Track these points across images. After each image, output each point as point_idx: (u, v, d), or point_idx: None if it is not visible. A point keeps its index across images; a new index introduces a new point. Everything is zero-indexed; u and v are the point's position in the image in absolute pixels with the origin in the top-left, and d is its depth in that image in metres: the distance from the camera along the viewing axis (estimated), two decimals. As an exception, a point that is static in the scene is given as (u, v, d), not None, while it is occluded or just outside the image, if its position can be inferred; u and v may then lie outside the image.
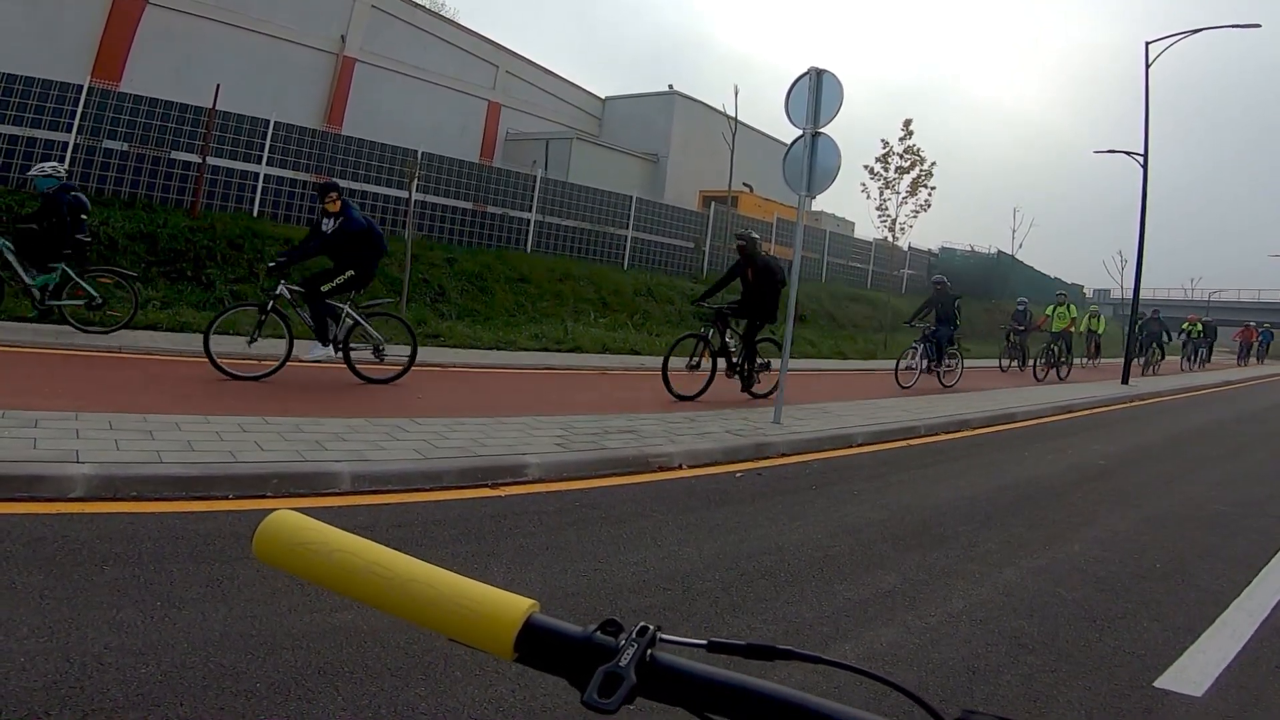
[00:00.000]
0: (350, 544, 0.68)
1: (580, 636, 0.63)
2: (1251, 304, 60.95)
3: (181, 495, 4.27)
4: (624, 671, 0.59)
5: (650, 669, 0.60)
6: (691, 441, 6.75)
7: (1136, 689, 3.09)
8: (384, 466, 5.01)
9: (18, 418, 4.96)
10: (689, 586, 3.80)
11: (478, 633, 0.63)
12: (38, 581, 3.05)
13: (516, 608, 0.63)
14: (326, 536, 0.68)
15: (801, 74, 8.31)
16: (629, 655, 0.60)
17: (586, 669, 0.60)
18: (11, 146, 12.48)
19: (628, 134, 29.86)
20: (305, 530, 0.68)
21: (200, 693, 2.43)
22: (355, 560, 0.67)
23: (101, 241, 11.77)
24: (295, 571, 0.68)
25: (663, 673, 0.61)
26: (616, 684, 0.58)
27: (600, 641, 0.63)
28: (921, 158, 21.18)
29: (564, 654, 0.63)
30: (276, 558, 0.68)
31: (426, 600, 0.65)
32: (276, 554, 0.68)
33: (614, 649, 0.61)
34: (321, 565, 0.67)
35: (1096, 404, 13.77)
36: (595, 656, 0.61)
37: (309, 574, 0.67)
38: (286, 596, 3.17)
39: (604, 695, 0.57)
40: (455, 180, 17.37)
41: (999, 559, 4.62)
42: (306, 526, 0.69)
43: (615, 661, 0.60)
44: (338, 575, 0.67)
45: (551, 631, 0.64)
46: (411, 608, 0.65)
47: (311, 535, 0.68)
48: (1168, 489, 7.18)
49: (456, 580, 0.66)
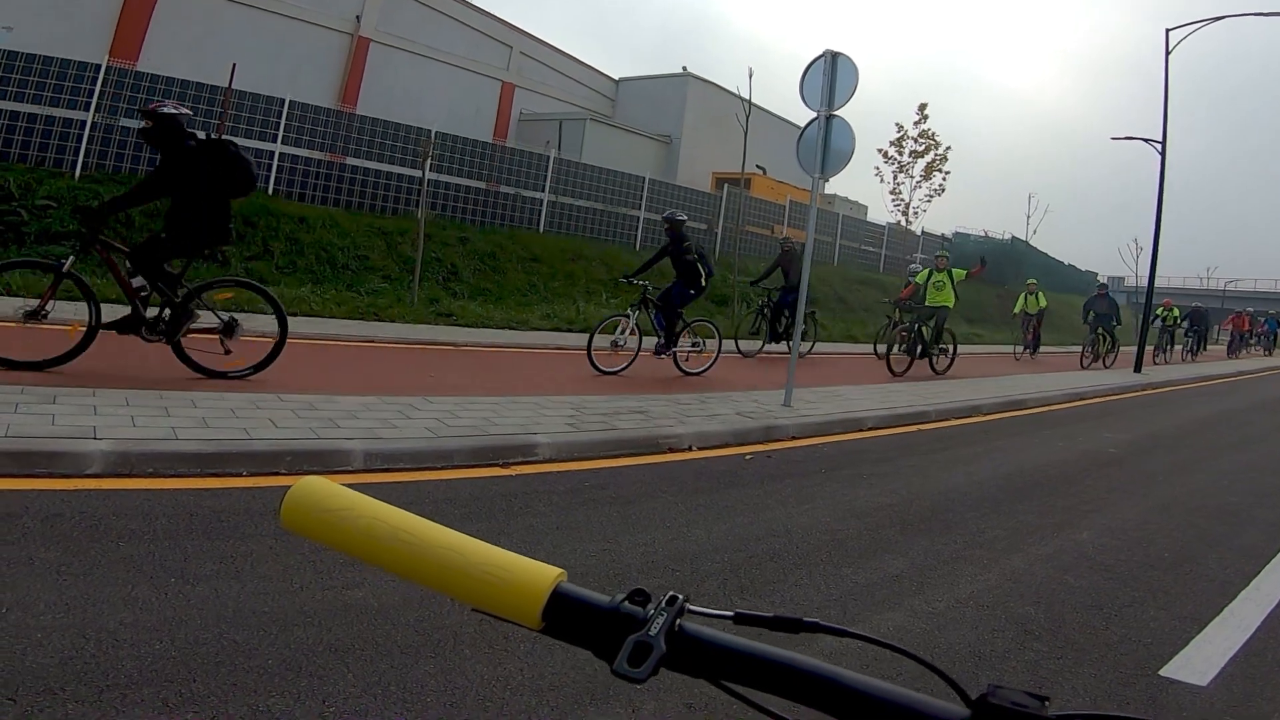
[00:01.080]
0: (378, 511, 0.66)
1: (608, 606, 0.62)
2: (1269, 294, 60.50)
3: (196, 472, 4.32)
4: (654, 641, 0.58)
5: (678, 639, 0.60)
6: (701, 423, 6.77)
7: (1142, 677, 3.11)
8: (396, 445, 5.05)
9: (36, 393, 5.01)
10: (697, 568, 3.83)
11: (505, 602, 0.63)
12: (55, 557, 3.09)
13: (545, 576, 0.63)
14: (354, 503, 0.67)
15: (817, 57, 8.27)
16: (659, 625, 0.59)
17: (613, 639, 0.60)
18: (30, 125, 12.54)
19: (641, 115, 29.74)
20: (333, 497, 0.67)
21: (213, 669, 2.47)
22: (382, 527, 0.65)
23: (119, 220, 11.83)
24: (322, 539, 0.66)
25: (691, 643, 0.60)
26: (646, 653, 0.57)
27: (628, 611, 0.62)
28: (936, 142, 21.12)
29: (591, 623, 0.62)
30: (303, 525, 0.67)
31: (454, 568, 0.63)
32: (303, 521, 0.67)
33: (642, 619, 0.60)
34: (348, 532, 0.66)
35: (1109, 392, 13.72)
36: (623, 626, 0.60)
37: (335, 541, 0.66)
38: (299, 574, 3.21)
39: (633, 665, 0.56)
40: (469, 160, 17.36)
41: (1007, 545, 4.63)
42: (334, 493, 0.68)
43: (645, 631, 0.59)
44: (364, 542, 0.65)
45: (579, 601, 0.63)
46: (439, 576, 0.64)
47: (339, 502, 0.67)
48: (1178, 478, 7.16)
49: (485, 548, 0.65)
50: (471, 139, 17.87)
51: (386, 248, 14.47)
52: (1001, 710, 0.51)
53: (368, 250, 14.15)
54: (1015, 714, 0.51)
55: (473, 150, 17.51)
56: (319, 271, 13.17)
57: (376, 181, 16.10)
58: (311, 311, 11.11)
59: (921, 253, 29.57)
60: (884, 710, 0.54)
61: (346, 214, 14.97)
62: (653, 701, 2.57)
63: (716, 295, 18.62)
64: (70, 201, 11.60)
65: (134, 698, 2.26)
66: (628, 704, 2.54)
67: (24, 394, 4.95)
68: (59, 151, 12.75)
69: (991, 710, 0.51)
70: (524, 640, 2.86)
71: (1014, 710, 0.51)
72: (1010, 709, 0.51)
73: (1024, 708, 0.51)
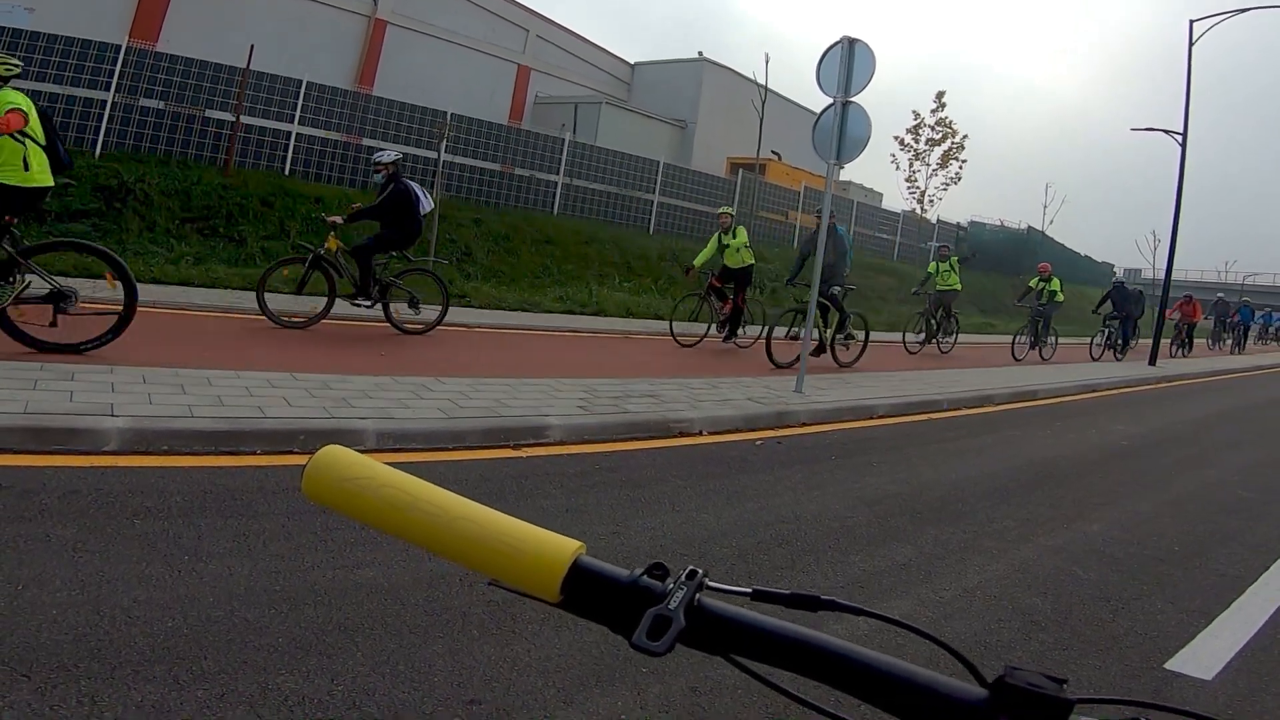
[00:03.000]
0: (399, 480, 0.65)
1: (627, 580, 0.61)
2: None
3: (211, 450, 4.36)
4: (673, 614, 0.57)
5: (697, 614, 0.59)
6: (713, 408, 6.78)
7: (1147, 670, 3.11)
8: (408, 425, 5.08)
9: (55, 370, 5.07)
10: (706, 552, 3.85)
11: (524, 574, 0.62)
12: (71, 534, 3.14)
13: (564, 549, 0.62)
14: (375, 472, 0.66)
15: (834, 43, 8.22)
16: (678, 598, 0.58)
17: (632, 613, 0.59)
18: (52, 105, 12.60)
19: (656, 100, 29.64)
20: (354, 466, 0.66)
21: (224, 646, 2.50)
22: (403, 497, 0.64)
23: (138, 198, 11.92)
24: (342, 508, 0.66)
25: (709, 618, 0.59)
26: (665, 627, 0.56)
27: (647, 585, 0.61)
28: (954, 130, 21.02)
29: (610, 597, 0.61)
30: (324, 494, 0.66)
31: (474, 539, 0.63)
32: (324, 490, 0.66)
33: (661, 593, 0.60)
34: (369, 501, 0.65)
35: (1122, 384, 13.65)
36: (642, 600, 0.60)
37: (356, 511, 0.65)
38: (310, 552, 3.25)
39: (652, 638, 0.56)
40: (484, 142, 17.37)
41: (1016, 536, 4.63)
42: (355, 462, 0.67)
43: (664, 604, 0.58)
44: (385, 512, 0.64)
45: (598, 574, 0.62)
46: (458, 547, 0.63)
47: (360, 471, 0.66)
48: (1191, 472, 7.13)
49: (505, 520, 0.64)
50: (487, 121, 17.88)
51: (401, 229, 14.47)
52: (1019, 691, 0.51)
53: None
54: (1033, 695, 0.50)
55: (488, 132, 17.51)
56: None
57: (393, 162, 16.10)
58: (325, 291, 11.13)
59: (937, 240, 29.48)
60: (903, 689, 0.54)
61: (362, 194, 14.95)
62: (658, 685, 2.59)
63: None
64: (90, 180, 11.68)
65: (146, 674, 2.29)
66: (633, 686, 2.57)
67: (43, 370, 5.01)
68: (80, 131, 12.85)
69: (1009, 691, 0.51)
70: (531, 622, 2.88)
71: (1032, 691, 0.50)
72: (1028, 690, 0.50)
73: (1041, 689, 0.50)
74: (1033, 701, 0.50)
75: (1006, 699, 0.51)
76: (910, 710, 0.54)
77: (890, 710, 0.55)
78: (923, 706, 0.53)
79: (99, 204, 11.57)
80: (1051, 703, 0.50)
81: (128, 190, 11.89)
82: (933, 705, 0.53)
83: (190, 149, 13.81)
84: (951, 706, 0.53)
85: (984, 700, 0.52)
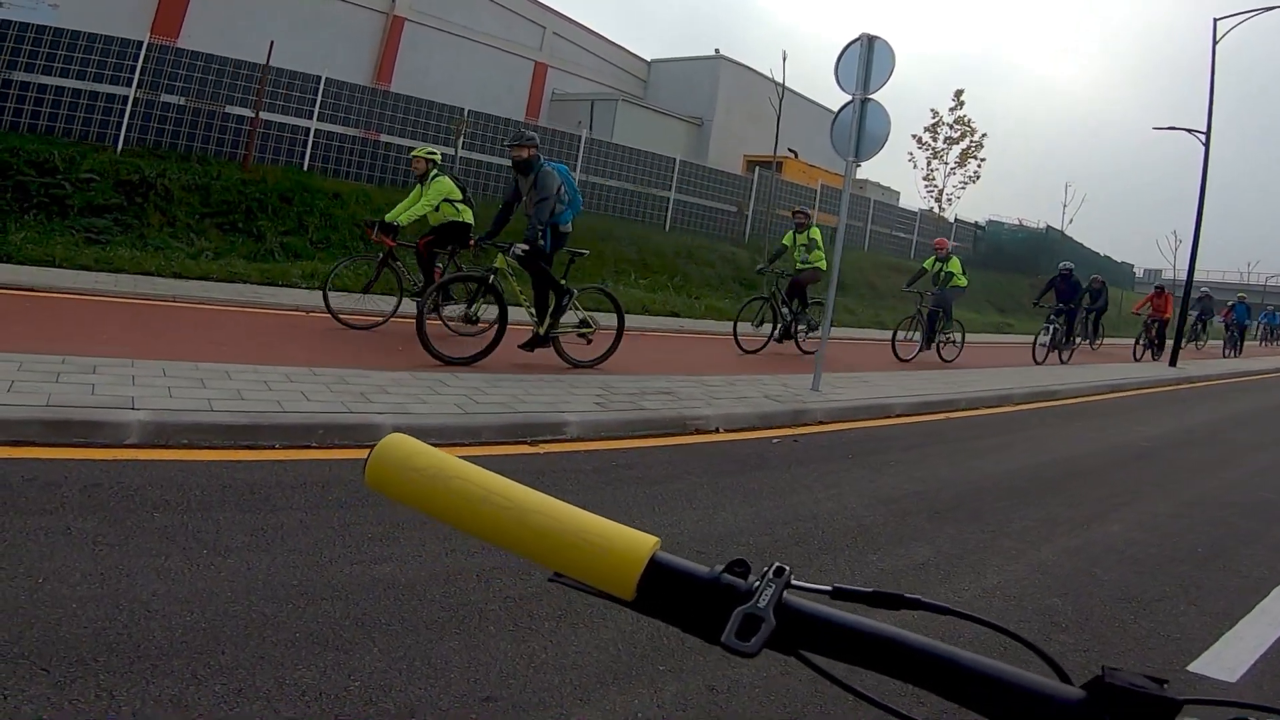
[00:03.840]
0: (467, 472, 0.63)
1: (708, 577, 0.59)
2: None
3: (230, 444, 4.38)
4: (763, 613, 0.55)
5: (782, 611, 0.57)
6: (729, 405, 6.76)
7: (1170, 672, 3.07)
8: (425, 420, 5.09)
9: (78, 363, 5.10)
10: (723, 550, 3.83)
11: (599, 570, 0.59)
12: (92, 527, 3.15)
13: (642, 545, 0.59)
14: (442, 463, 0.63)
15: (853, 40, 8.18)
16: (767, 596, 0.56)
17: (713, 611, 0.57)
18: (75, 100, 12.76)
19: (673, 97, 29.59)
20: (420, 455, 0.64)
21: (242, 641, 2.51)
22: (472, 489, 0.62)
23: (159, 193, 12.00)
24: (407, 500, 0.63)
25: (794, 616, 0.57)
26: (755, 626, 0.54)
27: (729, 582, 0.59)
28: (972, 129, 20.83)
29: (689, 595, 0.59)
30: (388, 485, 0.63)
31: (547, 533, 0.60)
32: (388, 481, 0.63)
33: (744, 590, 0.58)
34: (437, 493, 0.62)
35: (1142, 385, 13.54)
36: (724, 598, 0.57)
37: (421, 502, 0.63)
38: (328, 547, 3.26)
39: (741, 638, 0.54)
40: (500, 138, 17.38)
41: (1035, 537, 4.60)
42: (421, 452, 0.64)
43: (754, 602, 0.56)
44: (453, 504, 0.62)
45: (677, 571, 0.60)
46: (530, 542, 0.61)
47: (426, 461, 0.63)
48: (1212, 473, 7.06)
49: (578, 514, 0.62)
50: (504, 118, 17.90)
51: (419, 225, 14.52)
52: (1119, 691, 0.49)
53: (400, 227, 14.21)
54: (1137, 695, 0.49)
55: (505, 129, 17.50)
56: (353, 248, 13.24)
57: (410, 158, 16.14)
58: (344, 287, 11.16)
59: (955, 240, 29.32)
60: (996, 688, 0.52)
61: (380, 190, 15.04)
62: (675, 683, 2.58)
63: (745, 278, 18.58)
64: (113, 175, 11.78)
65: (164, 668, 2.30)
66: (650, 684, 2.56)
67: (65, 364, 5.04)
68: (102, 126, 12.97)
69: (1109, 691, 0.49)
70: (547, 619, 2.88)
71: (1135, 691, 0.49)
72: (1129, 689, 0.49)
73: (1143, 689, 0.49)
74: (1138, 701, 0.49)
75: (1108, 699, 0.50)
76: (1002, 711, 0.52)
77: (981, 710, 0.53)
78: (1016, 707, 0.52)
79: (120, 199, 11.65)
80: (1158, 702, 0.49)
81: (149, 185, 11.97)
82: (1027, 706, 0.52)
83: (210, 145, 13.90)
84: (1048, 707, 0.51)
85: (1082, 700, 0.51)
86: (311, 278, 11.06)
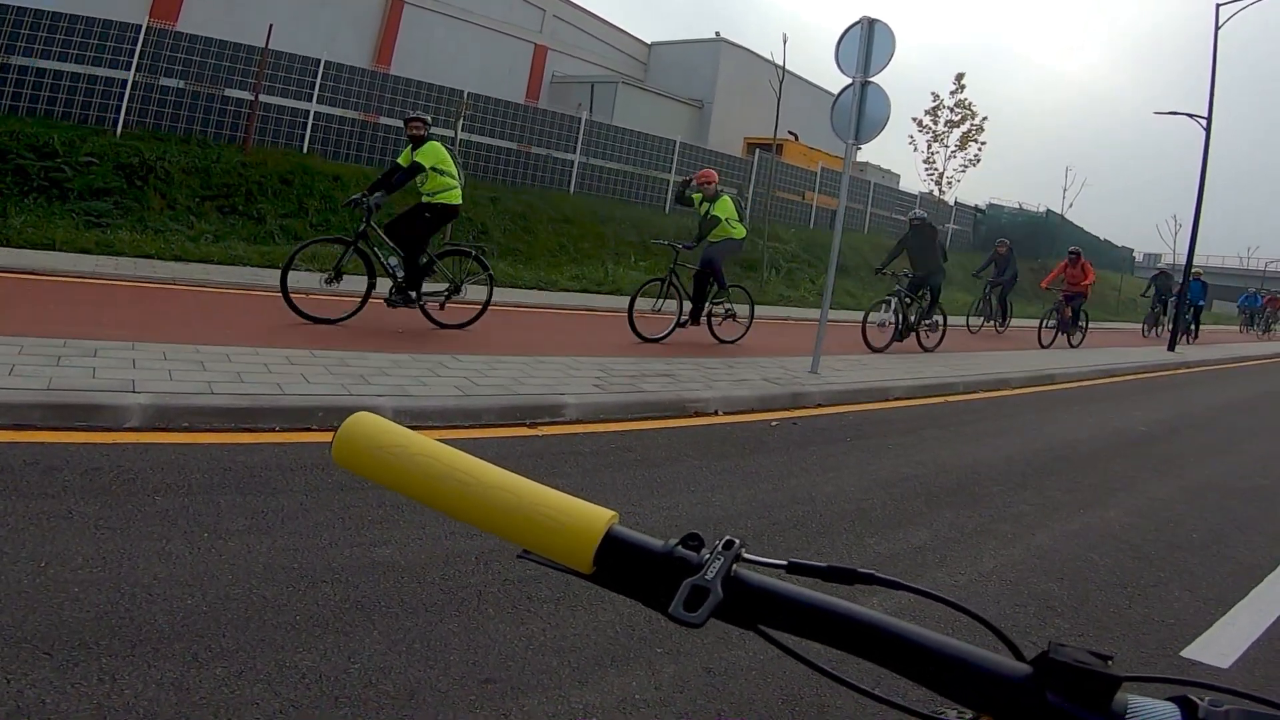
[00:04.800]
0: (431, 449, 0.64)
1: (662, 550, 0.60)
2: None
3: (230, 426, 4.39)
4: (710, 584, 0.55)
5: (734, 585, 0.57)
6: (728, 388, 6.77)
7: (1163, 657, 3.10)
8: (425, 402, 5.11)
9: (79, 347, 5.11)
10: (720, 533, 3.81)
11: (556, 544, 0.60)
12: (93, 511, 3.17)
13: (599, 519, 0.60)
14: (407, 440, 0.64)
15: (854, 23, 8.15)
16: (715, 569, 0.57)
17: (666, 583, 0.57)
18: (74, 84, 12.70)
19: (673, 80, 29.45)
20: (386, 433, 0.65)
21: (242, 624, 2.53)
22: (436, 465, 0.63)
23: (159, 176, 11.97)
24: (373, 476, 0.64)
25: (745, 589, 0.57)
26: (702, 598, 0.55)
27: (682, 555, 0.59)
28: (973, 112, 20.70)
29: (644, 567, 0.59)
30: (354, 461, 0.64)
31: (508, 509, 0.61)
32: (355, 457, 0.64)
33: (696, 563, 0.58)
34: (401, 469, 0.63)
35: (1141, 369, 13.54)
36: (677, 570, 0.58)
37: (387, 479, 0.64)
38: (328, 530, 3.27)
39: (689, 609, 0.54)
40: (501, 121, 17.34)
41: (1032, 521, 4.62)
42: (387, 429, 0.65)
43: (701, 574, 0.56)
44: (417, 480, 0.63)
45: (632, 544, 0.60)
46: (491, 516, 0.61)
47: (392, 438, 0.64)
48: (1209, 459, 7.08)
49: (539, 489, 0.62)
50: (504, 100, 17.82)
51: (419, 207, 14.51)
52: (1065, 667, 0.50)
53: (401, 209, 14.17)
54: (1079, 671, 0.49)
55: (505, 111, 17.47)
56: (352, 229, 13.23)
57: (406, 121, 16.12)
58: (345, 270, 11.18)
59: (955, 223, 29.26)
60: (945, 663, 0.53)
61: (380, 172, 14.98)
62: (673, 665, 2.61)
63: (746, 260, 18.54)
64: (112, 158, 11.75)
65: (165, 651, 2.32)
66: (648, 666, 2.58)
67: (65, 347, 5.05)
68: (101, 110, 12.91)
69: (1055, 666, 0.50)
70: (547, 601, 2.90)
71: (1078, 667, 0.49)
72: (1074, 665, 0.50)
73: (1087, 665, 0.50)
74: (1079, 677, 0.49)
75: (1052, 674, 0.50)
76: (951, 685, 0.53)
77: (931, 685, 0.54)
78: (965, 681, 0.53)
79: (121, 182, 11.62)
80: (1098, 679, 0.49)
81: (149, 168, 11.93)
82: (976, 680, 0.52)
83: (210, 128, 13.84)
84: (995, 681, 0.52)
85: (1028, 676, 0.51)
86: (312, 260, 11.04)
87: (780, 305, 16.24)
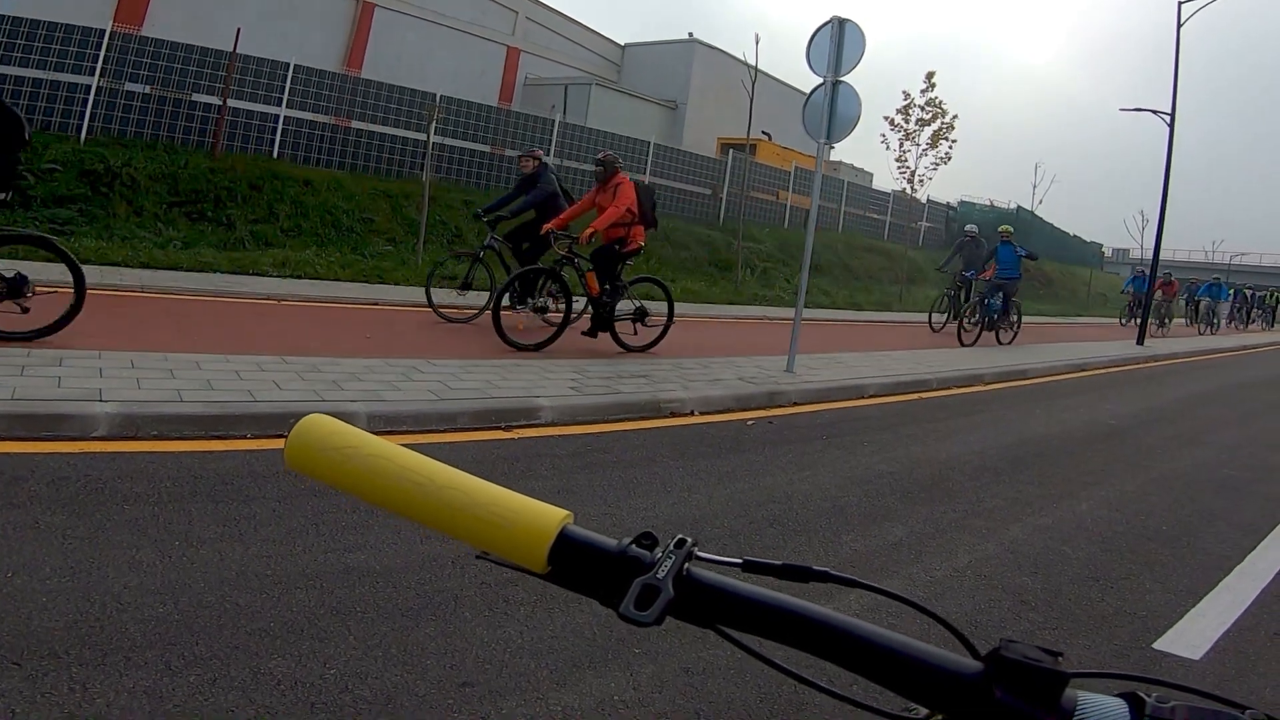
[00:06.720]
0: (384, 449, 0.63)
1: (615, 549, 0.60)
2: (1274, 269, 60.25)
3: (201, 434, 4.34)
4: (661, 584, 0.56)
5: (686, 584, 0.57)
6: (704, 388, 6.78)
7: (1136, 649, 3.14)
8: (399, 407, 5.08)
9: (43, 356, 5.03)
10: (697, 532, 3.83)
11: (511, 544, 0.60)
12: (60, 521, 3.12)
13: (551, 518, 0.60)
14: (361, 441, 0.64)
15: (824, 23, 8.19)
16: (666, 567, 0.57)
17: (620, 583, 0.57)
18: (36, 89, 12.50)
19: (647, 81, 29.51)
20: (338, 435, 0.64)
21: (216, 631, 2.50)
22: (389, 466, 0.62)
23: (125, 183, 11.81)
24: (326, 478, 0.63)
25: (698, 588, 0.58)
26: (653, 596, 0.55)
27: (635, 554, 0.59)
28: (943, 110, 20.84)
29: (597, 567, 0.60)
30: (307, 464, 0.64)
31: (460, 509, 0.61)
32: (307, 460, 0.64)
33: (649, 562, 0.58)
34: (354, 471, 0.62)
35: (1111, 363, 13.71)
36: (630, 569, 0.58)
37: (340, 480, 0.63)
38: (301, 536, 3.24)
39: (640, 608, 0.54)
40: (474, 124, 17.26)
41: (1006, 516, 4.66)
42: (340, 430, 0.64)
43: (653, 573, 0.56)
44: (370, 482, 0.62)
45: (585, 543, 0.60)
46: (445, 517, 0.61)
47: (345, 440, 0.64)
48: (1178, 451, 7.17)
49: (492, 489, 0.62)
50: (477, 103, 17.75)
51: (391, 211, 14.42)
52: (1014, 664, 0.50)
53: (372, 213, 14.11)
54: (1028, 668, 0.50)
55: (478, 114, 17.40)
56: (324, 234, 13.15)
57: (382, 145, 16.02)
58: (316, 274, 11.11)
59: (927, 220, 29.49)
60: (897, 662, 0.53)
61: (351, 177, 14.90)
62: (651, 665, 2.61)
63: (720, 260, 18.59)
64: (76, 165, 11.58)
65: (137, 660, 2.29)
66: (625, 668, 2.58)
67: (30, 357, 4.98)
68: (65, 116, 12.71)
69: (1005, 664, 0.50)
70: (523, 604, 2.89)
71: (1027, 664, 0.50)
72: (1023, 663, 0.50)
73: (1038, 662, 0.50)
74: (1028, 674, 0.50)
75: (1002, 672, 0.50)
76: (903, 683, 0.53)
77: (883, 683, 0.54)
78: (916, 679, 0.53)
79: (85, 189, 11.46)
80: (1047, 675, 0.50)
81: (114, 175, 11.78)
82: (926, 678, 0.53)
83: (177, 133, 13.67)
84: (946, 679, 0.52)
85: (979, 673, 0.52)
86: (283, 266, 10.96)
87: (756, 305, 16.29)
